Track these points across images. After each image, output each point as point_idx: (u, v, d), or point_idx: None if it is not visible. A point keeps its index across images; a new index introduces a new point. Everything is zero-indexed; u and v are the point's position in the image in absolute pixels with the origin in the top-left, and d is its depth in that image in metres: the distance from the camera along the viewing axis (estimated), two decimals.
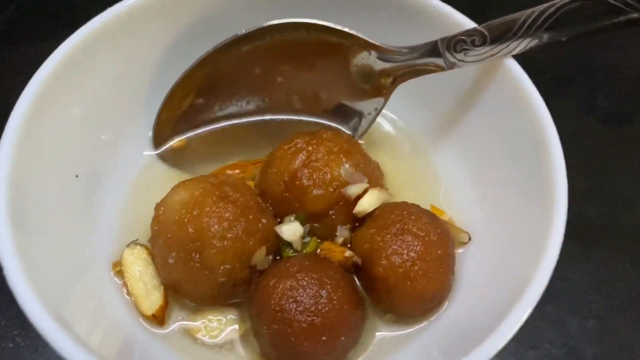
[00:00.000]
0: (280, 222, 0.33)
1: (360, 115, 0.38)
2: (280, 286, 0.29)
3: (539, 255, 0.29)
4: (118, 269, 0.33)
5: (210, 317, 0.33)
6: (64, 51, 0.33)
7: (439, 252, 0.31)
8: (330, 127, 0.40)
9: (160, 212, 0.32)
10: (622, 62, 0.51)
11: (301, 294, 0.29)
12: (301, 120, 0.40)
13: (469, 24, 0.35)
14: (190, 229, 0.30)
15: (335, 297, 0.29)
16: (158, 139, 0.38)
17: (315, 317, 0.29)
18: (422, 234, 0.31)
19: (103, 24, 0.34)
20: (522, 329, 0.27)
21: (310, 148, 0.33)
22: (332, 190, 0.33)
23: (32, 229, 0.30)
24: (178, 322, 0.33)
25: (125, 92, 0.37)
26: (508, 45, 0.33)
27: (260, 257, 0.31)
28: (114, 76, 0.36)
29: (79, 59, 0.33)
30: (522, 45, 0.32)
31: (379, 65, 0.36)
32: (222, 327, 0.33)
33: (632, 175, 0.45)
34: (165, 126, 0.38)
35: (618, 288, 0.39)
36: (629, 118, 0.47)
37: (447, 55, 0.34)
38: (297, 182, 0.33)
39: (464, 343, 0.29)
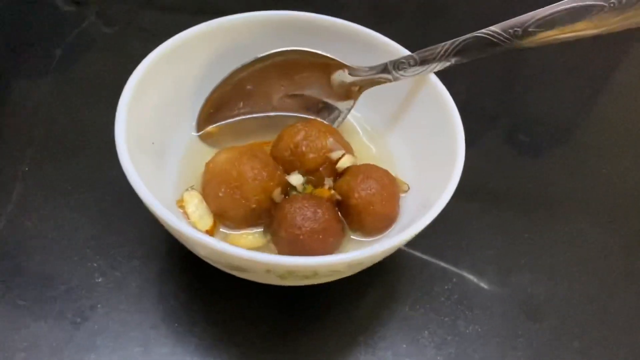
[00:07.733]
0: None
1: (338, 112, 0.50)
2: (293, 205, 0.40)
3: (441, 195, 0.38)
4: (181, 204, 0.43)
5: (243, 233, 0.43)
6: (145, 64, 0.43)
7: (390, 190, 0.42)
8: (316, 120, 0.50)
9: (211, 165, 0.42)
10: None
11: (305, 210, 0.39)
12: (296, 116, 0.51)
13: (405, 52, 0.46)
14: (234, 173, 0.40)
15: (326, 214, 0.40)
16: (199, 126, 0.49)
17: (314, 224, 0.39)
18: (378, 179, 0.42)
19: (165, 49, 0.45)
20: None
21: (307, 129, 0.44)
22: (321, 154, 0.44)
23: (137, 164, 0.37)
24: (220, 237, 0.42)
25: (181, 94, 0.47)
26: (430, 65, 0.43)
27: (277, 194, 0.42)
28: (175, 84, 0.46)
29: (154, 70, 0.43)
30: (440, 65, 0.43)
31: (350, 78, 0.47)
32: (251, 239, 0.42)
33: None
34: (204, 117, 0.49)
35: None
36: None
37: (393, 72, 0.45)
38: (299, 149, 0.43)
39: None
